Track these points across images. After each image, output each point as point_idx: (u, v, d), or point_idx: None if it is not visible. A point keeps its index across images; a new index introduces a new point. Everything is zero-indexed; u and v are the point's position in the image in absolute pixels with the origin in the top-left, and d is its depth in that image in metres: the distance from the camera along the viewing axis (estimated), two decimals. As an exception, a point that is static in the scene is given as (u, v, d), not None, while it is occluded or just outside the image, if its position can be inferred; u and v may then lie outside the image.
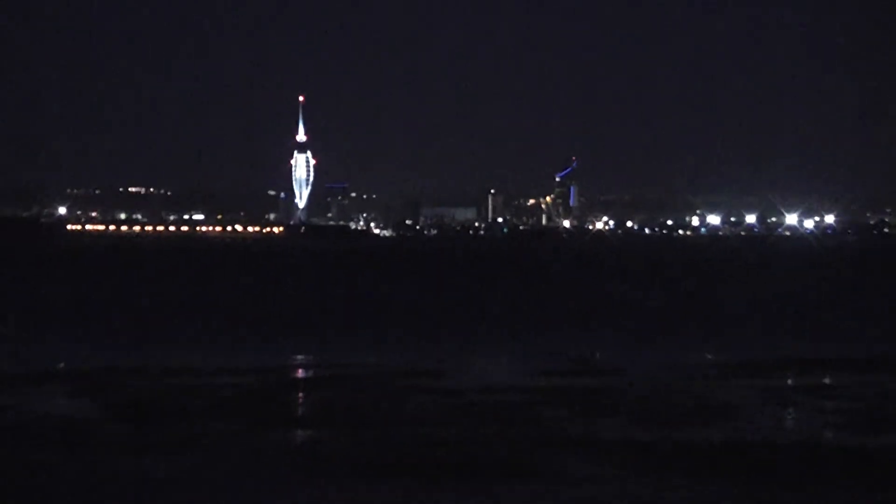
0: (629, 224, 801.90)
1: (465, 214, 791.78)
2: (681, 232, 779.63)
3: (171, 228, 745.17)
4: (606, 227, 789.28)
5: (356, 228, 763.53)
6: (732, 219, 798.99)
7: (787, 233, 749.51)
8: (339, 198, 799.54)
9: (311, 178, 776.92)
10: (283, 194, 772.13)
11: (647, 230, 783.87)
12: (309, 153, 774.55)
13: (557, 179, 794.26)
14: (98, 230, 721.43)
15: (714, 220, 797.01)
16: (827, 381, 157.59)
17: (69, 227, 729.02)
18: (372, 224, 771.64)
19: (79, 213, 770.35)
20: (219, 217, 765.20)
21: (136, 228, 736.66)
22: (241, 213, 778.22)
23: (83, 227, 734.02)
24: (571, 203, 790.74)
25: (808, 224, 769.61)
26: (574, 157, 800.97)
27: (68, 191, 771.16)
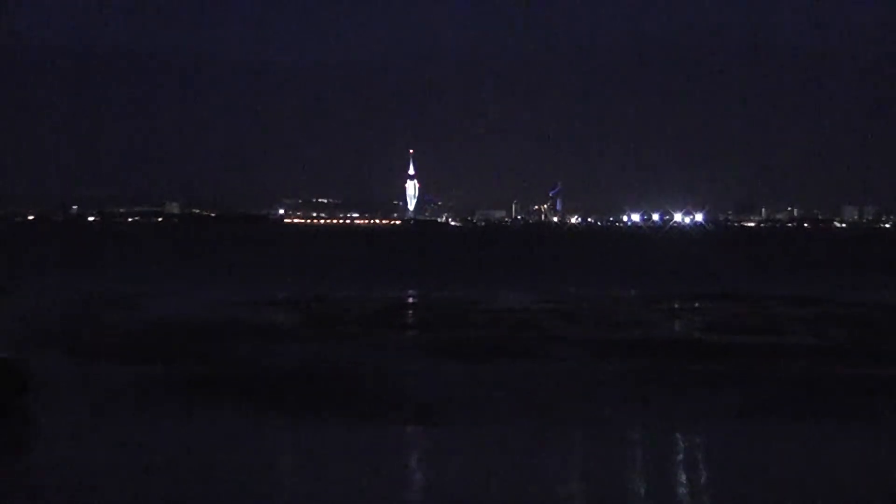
0: (589, 220, 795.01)
1: (499, 214, 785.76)
2: (618, 224, 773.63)
3: (340, 221, 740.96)
4: (577, 221, 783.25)
5: (440, 221, 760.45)
6: (645, 217, 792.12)
7: (675, 225, 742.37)
8: (432, 205, 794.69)
9: (417, 195, 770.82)
10: (400, 203, 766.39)
11: (599, 223, 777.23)
12: (416, 181, 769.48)
13: (550, 195, 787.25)
14: (301, 223, 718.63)
15: (635, 217, 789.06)
16: (696, 305, 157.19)
17: (285, 220, 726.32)
18: (449, 219, 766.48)
19: (290, 212, 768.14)
20: (366, 215, 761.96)
21: (322, 221, 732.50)
22: (378, 213, 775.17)
23: (292, 220, 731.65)
24: (558, 208, 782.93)
25: (687, 220, 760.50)
26: (558, 182, 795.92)
27: (284, 200, 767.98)
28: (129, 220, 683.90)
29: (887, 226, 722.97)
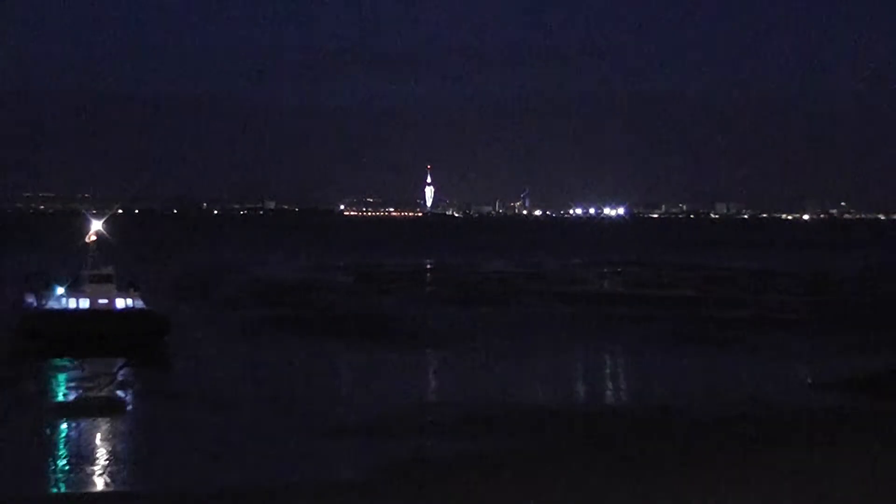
0: (547, 213, 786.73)
1: (487, 209, 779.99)
2: (566, 216, 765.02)
3: (381, 213, 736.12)
4: (539, 214, 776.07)
5: (448, 214, 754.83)
6: (585, 210, 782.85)
7: (604, 216, 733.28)
8: (443, 203, 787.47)
9: (433, 196, 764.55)
10: (421, 201, 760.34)
11: (553, 215, 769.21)
12: (432, 187, 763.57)
13: (521, 196, 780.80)
14: (355, 215, 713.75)
15: (578, 210, 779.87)
16: (619, 269, 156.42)
17: (344, 213, 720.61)
18: (454, 212, 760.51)
19: (347, 207, 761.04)
20: (398, 209, 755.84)
21: (369, 213, 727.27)
22: (407, 208, 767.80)
23: (349, 213, 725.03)
24: (526, 204, 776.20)
25: (613, 212, 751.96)
26: (527, 188, 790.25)
27: (345, 199, 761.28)
28: (240, 213, 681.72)
29: (745, 216, 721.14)
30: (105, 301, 68.42)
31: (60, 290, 69.46)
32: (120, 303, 68.69)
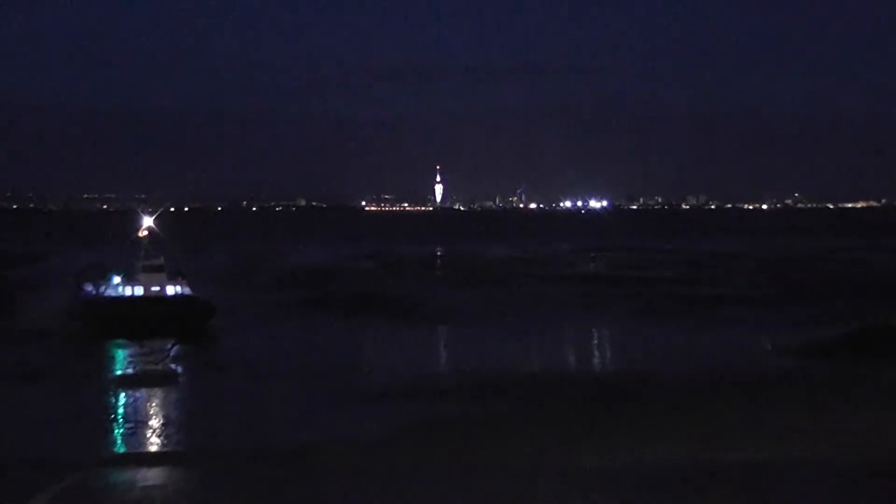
0: (540, 206, 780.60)
1: (489, 203, 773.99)
2: (557, 208, 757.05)
3: (397, 208, 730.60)
4: (534, 207, 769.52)
5: (455, 208, 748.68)
6: (574, 203, 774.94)
7: (591, 208, 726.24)
8: (450, 198, 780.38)
9: (442, 193, 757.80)
10: (432, 197, 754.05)
11: (546, 208, 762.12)
12: (441, 185, 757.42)
13: (518, 192, 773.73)
14: (375, 210, 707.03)
15: (568, 203, 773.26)
16: (604, 254, 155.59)
17: (365, 209, 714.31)
18: (460, 207, 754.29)
19: (368, 204, 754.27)
20: (412, 205, 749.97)
21: (387, 209, 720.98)
22: (419, 204, 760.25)
23: (370, 209, 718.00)
24: (523, 199, 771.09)
25: (598, 205, 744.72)
26: (523, 184, 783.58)
27: (366, 196, 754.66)
28: (276, 209, 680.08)
29: (713, 207, 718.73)
30: (157, 288, 68.19)
31: (117, 280, 69.40)
32: (170, 290, 68.41)
